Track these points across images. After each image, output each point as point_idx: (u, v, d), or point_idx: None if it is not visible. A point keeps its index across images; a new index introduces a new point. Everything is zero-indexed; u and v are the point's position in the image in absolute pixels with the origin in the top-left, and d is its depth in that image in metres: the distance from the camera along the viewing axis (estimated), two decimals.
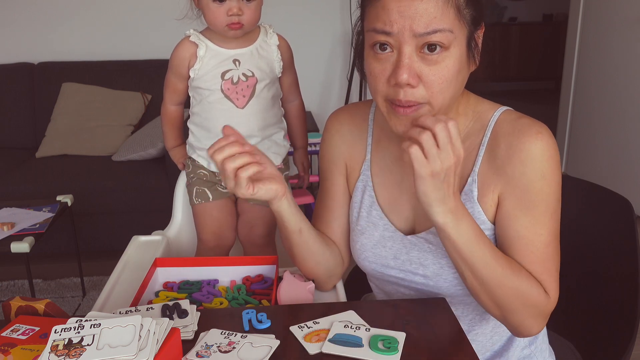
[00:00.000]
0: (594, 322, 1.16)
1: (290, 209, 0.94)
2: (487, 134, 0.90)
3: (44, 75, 3.07)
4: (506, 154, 0.87)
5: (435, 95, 0.81)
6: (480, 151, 0.90)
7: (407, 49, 0.79)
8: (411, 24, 0.78)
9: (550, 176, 0.86)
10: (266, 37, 1.25)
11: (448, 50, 0.80)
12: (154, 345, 0.69)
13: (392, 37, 0.79)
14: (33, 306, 0.85)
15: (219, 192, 1.27)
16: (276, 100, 1.28)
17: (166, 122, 1.33)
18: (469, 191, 0.90)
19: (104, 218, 2.61)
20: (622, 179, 3.07)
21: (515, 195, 0.87)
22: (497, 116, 0.91)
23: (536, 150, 0.85)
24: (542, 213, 0.86)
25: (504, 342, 1.01)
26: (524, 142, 0.85)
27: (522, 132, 0.86)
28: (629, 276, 1.07)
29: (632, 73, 3.00)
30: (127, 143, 2.82)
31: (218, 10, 1.15)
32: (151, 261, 1.09)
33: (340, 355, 0.77)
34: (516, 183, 0.86)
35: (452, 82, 0.81)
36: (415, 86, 0.80)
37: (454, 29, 0.79)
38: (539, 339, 1.03)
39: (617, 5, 3.09)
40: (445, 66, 0.80)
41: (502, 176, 0.88)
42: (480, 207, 0.90)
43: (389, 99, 0.83)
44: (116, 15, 3.24)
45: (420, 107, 0.82)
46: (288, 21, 3.17)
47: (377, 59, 0.82)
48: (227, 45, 1.21)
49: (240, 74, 1.20)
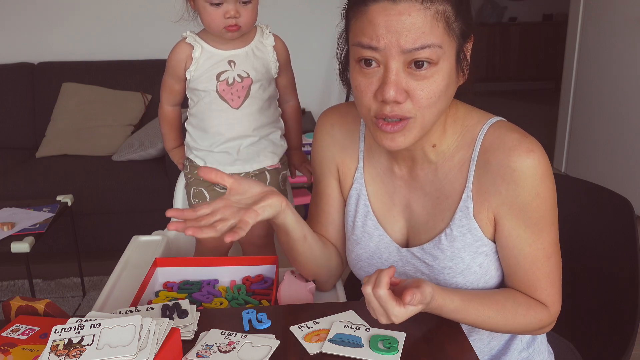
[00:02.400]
0: (594, 322, 1.16)
1: (294, 217, 0.92)
2: (476, 148, 0.88)
3: (44, 75, 3.07)
4: (498, 172, 0.86)
5: (422, 110, 0.80)
6: (471, 166, 0.89)
7: (394, 65, 0.77)
8: (398, 39, 0.75)
9: (545, 193, 0.85)
10: (262, 37, 1.25)
11: (437, 66, 0.78)
12: (154, 345, 0.69)
13: (379, 52, 0.77)
14: (33, 306, 0.85)
15: (216, 192, 1.27)
16: (272, 100, 1.28)
17: (164, 124, 1.33)
18: (465, 207, 0.89)
19: (104, 218, 2.61)
20: (622, 179, 3.07)
21: (512, 215, 0.87)
22: (486, 130, 0.89)
23: (528, 170, 0.84)
24: (542, 228, 0.87)
25: (501, 346, 1.01)
26: (515, 162, 0.84)
27: (512, 150, 0.85)
28: (629, 276, 1.07)
29: (632, 73, 3.00)
30: (127, 143, 2.82)
31: (215, 13, 1.15)
32: (151, 261, 1.09)
33: (340, 355, 0.77)
34: (511, 203, 0.86)
35: (440, 97, 0.80)
36: (402, 102, 0.78)
37: (443, 44, 0.77)
38: (537, 341, 1.03)
39: (617, 5, 3.09)
40: (434, 81, 0.78)
41: (495, 195, 0.87)
42: (476, 223, 0.89)
43: (375, 114, 0.81)
44: (116, 15, 3.24)
45: (407, 122, 0.80)
46: (288, 21, 3.17)
47: (363, 74, 0.80)
48: (222, 47, 1.21)
49: (235, 75, 1.20)
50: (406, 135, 0.82)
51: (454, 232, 0.89)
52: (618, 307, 1.10)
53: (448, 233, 0.90)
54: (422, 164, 0.92)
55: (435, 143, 0.90)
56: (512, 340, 1.00)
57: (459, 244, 0.89)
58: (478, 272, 0.91)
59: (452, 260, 0.90)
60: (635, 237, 1.08)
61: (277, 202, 0.87)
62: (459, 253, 0.89)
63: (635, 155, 3.01)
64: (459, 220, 0.89)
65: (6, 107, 3.04)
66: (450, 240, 0.90)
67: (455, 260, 0.90)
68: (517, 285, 0.91)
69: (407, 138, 0.82)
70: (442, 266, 0.91)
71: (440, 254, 0.91)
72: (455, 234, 0.89)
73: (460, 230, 0.89)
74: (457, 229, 0.89)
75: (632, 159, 3.03)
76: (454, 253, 0.90)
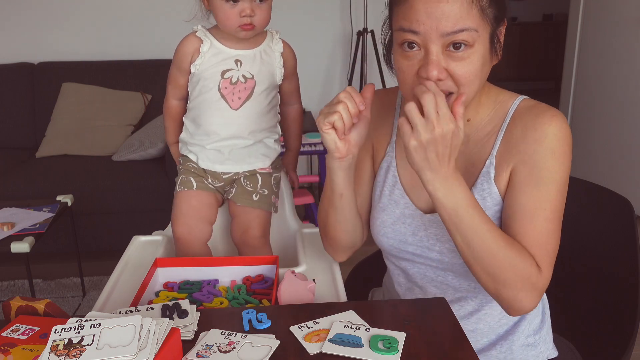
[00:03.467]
0: (594, 322, 1.16)
1: (342, 172, 0.96)
2: (506, 120, 0.94)
3: (44, 75, 3.07)
4: (522, 133, 0.91)
5: (462, 87, 0.85)
6: (499, 135, 0.94)
7: (434, 48, 0.83)
8: (438, 24, 0.81)
9: (560, 154, 0.89)
10: (271, 42, 1.25)
11: (472, 47, 0.83)
12: (154, 345, 0.69)
13: (419, 36, 0.83)
14: (33, 306, 0.85)
15: (205, 184, 1.27)
16: (273, 107, 1.28)
17: (168, 117, 1.33)
18: (486, 173, 0.93)
19: (104, 218, 2.61)
20: (622, 179, 3.07)
21: (525, 170, 0.90)
22: (517, 103, 0.95)
23: (549, 130, 0.89)
24: (549, 189, 0.89)
25: (510, 327, 1.02)
26: (539, 123, 0.90)
27: (538, 114, 0.91)
28: (629, 276, 1.07)
29: (632, 73, 3.00)
30: (127, 143, 2.82)
31: (231, 11, 1.15)
32: (151, 261, 1.09)
33: (340, 355, 0.77)
34: (527, 159, 0.90)
35: (477, 75, 0.85)
36: (444, 79, 0.84)
37: (479, 27, 0.83)
38: (544, 330, 1.05)
39: (617, 5, 3.08)
40: (471, 62, 0.84)
41: (515, 154, 0.91)
42: (496, 188, 0.93)
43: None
44: (116, 15, 3.24)
45: (449, 97, 0.85)
46: (288, 21, 3.17)
47: (405, 57, 0.86)
48: (231, 45, 1.21)
49: (240, 75, 1.20)
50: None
51: (475, 196, 0.91)
52: (618, 307, 1.10)
53: None
54: None
55: (470, 117, 0.96)
56: (521, 321, 1.02)
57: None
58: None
59: None
60: (635, 237, 1.08)
61: (342, 147, 0.92)
62: None
63: (635, 155, 3.01)
64: (480, 184, 0.94)
65: (6, 107, 3.04)
66: None
67: None
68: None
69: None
70: None
71: None
72: (476, 197, 0.92)
73: (481, 194, 0.93)
74: (478, 193, 0.94)
75: (632, 159, 3.02)
76: None
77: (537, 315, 1.05)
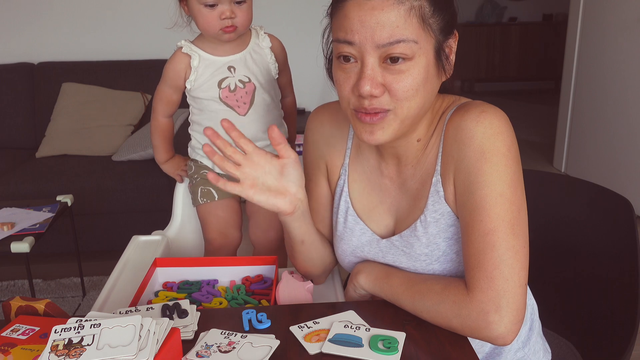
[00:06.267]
0: (594, 322, 1.16)
1: (296, 223, 0.94)
2: (443, 130, 0.88)
3: (44, 75, 3.07)
4: (453, 139, 0.84)
5: (400, 103, 0.80)
6: (440, 149, 0.88)
7: (370, 60, 0.78)
8: (372, 34, 0.76)
9: (491, 154, 0.80)
10: (258, 39, 1.24)
11: (412, 60, 0.78)
12: (154, 345, 0.69)
13: (355, 47, 0.78)
14: (33, 306, 0.85)
15: (224, 191, 1.27)
16: (276, 101, 1.28)
17: (158, 135, 1.32)
18: (435, 192, 0.88)
19: (104, 218, 2.61)
20: (622, 179, 3.07)
21: (460, 180, 0.83)
22: (453, 110, 0.87)
23: (477, 129, 0.81)
24: (483, 197, 0.80)
25: (493, 347, 0.99)
26: (465, 122, 0.82)
27: (464, 114, 0.84)
28: (629, 276, 1.07)
29: (632, 73, 3.00)
30: (127, 143, 2.82)
31: (210, 15, 1.14)
32: (151, 261, 1.09)
33: (340, 355, 0.77)
34: (459, 166, 0.83)
35: (418, 91, 0.79)
36: (379, 96, 0.79)
37: (419, 39, 0.77)
38: (531, 341, 1.01)
39: (617, 5, 3.08)
40: (410, 75, 0.78)
41: (451, 164, 0.85)
42: (448, 206, 0.87)
43: (355, 107, 0.82)
44: (116, 15, 3.24)
45: (385, 114, 0.81)
46: (285, 21, 3.17)
47: (342, 69, 0.82)
48: (220, 53, 1.21)
49: (236, 81, 1.20)
50: (385, 129, 0.82)
51: (427, 218, 0.88)
52: (618, 307, 1.10)
53: (422, 220, 0.89)
54: (407, 160, 0.92)
55: (420, 137, 0.90)
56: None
57: (433, 229, 0.88)
58: (455, 260, 0.89)
59: (428, 247, 0.89)
60: (635, 237, 1.07)
61: (279, 204, 0.90)
62: (434, 239, 0.89)
63: (635, 155, 3.01)
64: (431, 205, 0.88)
65: (6, 107, 3.04)
66: (425, 227, 0.89)
67: (431, 246, 0.89)
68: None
69: (385, 131, 0.82)
70: (419, 253, 0.90)
71: (416, 241, 0.90)
72: (429, 219, 0.88)
73: (433, 215, 0.88)
74: (430, 215, 0.88)
75: (632, 159, 3.02)
76: (429, 240, 0.89)
77: (523, 325, 0.98)
